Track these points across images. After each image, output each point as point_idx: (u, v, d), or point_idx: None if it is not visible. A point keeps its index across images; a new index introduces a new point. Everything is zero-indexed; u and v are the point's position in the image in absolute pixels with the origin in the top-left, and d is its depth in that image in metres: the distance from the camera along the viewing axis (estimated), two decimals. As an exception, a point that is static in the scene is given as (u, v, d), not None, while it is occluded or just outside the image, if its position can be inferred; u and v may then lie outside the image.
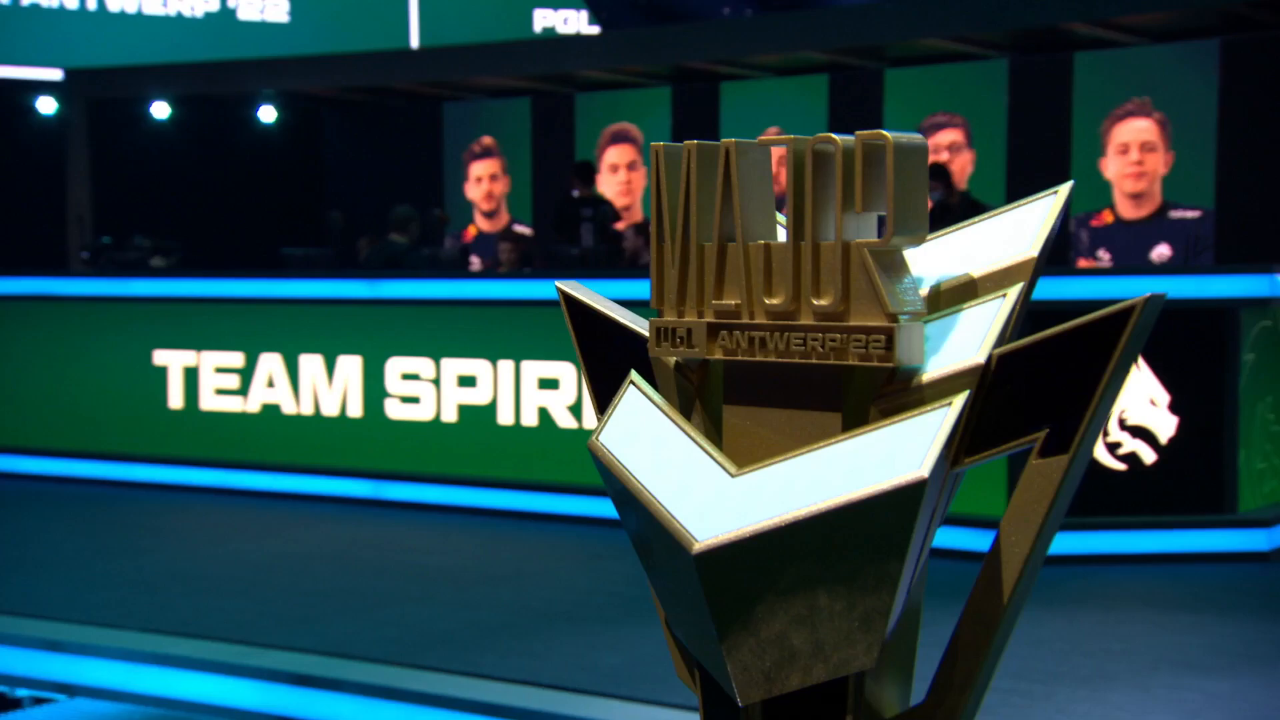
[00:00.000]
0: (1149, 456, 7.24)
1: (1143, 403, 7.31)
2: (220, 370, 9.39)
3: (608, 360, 1.79)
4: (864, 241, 1.53)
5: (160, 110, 12.00)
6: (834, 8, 11.57)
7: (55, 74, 11.36)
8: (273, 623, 6.16)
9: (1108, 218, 10.22)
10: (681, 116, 11.45)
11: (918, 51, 10.31)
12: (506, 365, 8.55)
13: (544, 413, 8.51)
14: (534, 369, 8.49)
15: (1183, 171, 10.10)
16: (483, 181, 12.14)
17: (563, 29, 13.06)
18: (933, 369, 1.55)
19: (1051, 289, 7.37)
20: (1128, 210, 10.15)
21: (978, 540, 7.42)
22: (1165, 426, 7.27)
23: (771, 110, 11.24)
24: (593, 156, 11.71)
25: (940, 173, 9.33)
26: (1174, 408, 7.21)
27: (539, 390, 8.51)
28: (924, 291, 1.64)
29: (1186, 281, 7.48)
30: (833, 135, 1.57)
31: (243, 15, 12.25)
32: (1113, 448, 7.29)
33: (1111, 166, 10.19)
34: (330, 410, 9.10)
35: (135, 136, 12.07)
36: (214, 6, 12.21)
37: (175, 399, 9.55)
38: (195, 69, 11.51)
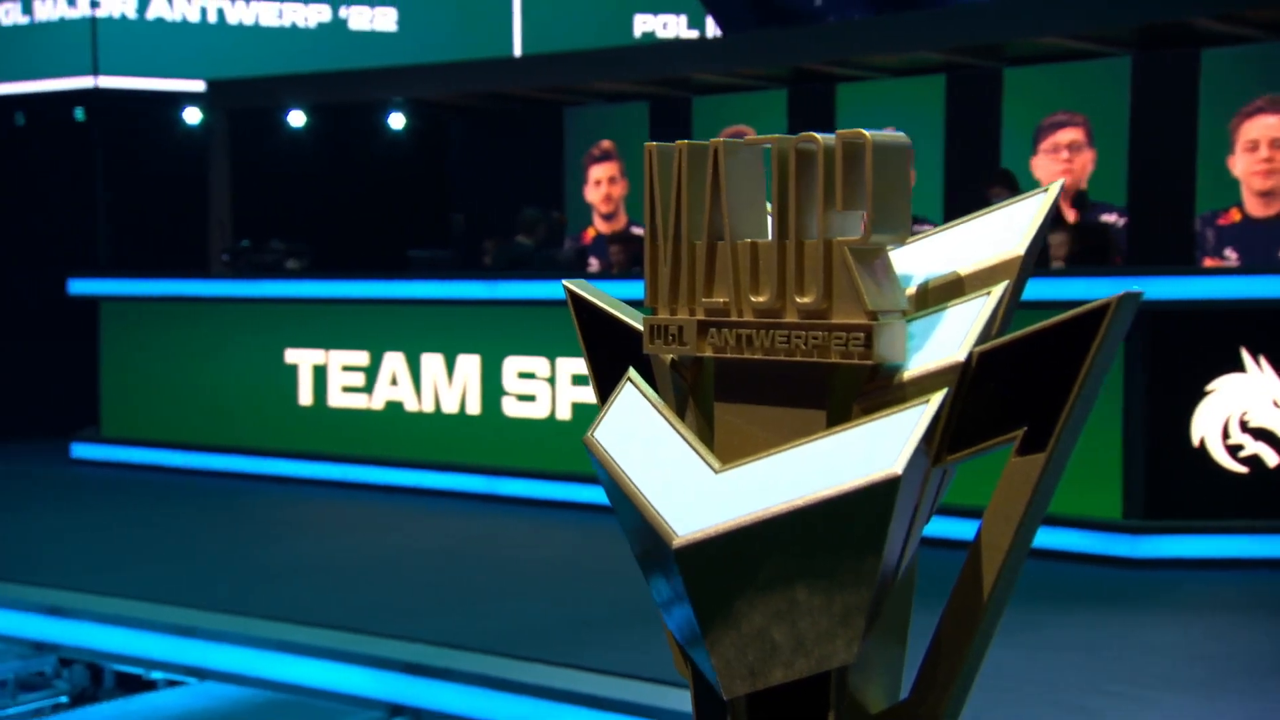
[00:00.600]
0: (1272, 459, 7.02)
1: (1265, 405, 7.09)
2: (347, 369, 9.59)
3: (611, 357, 1.80)
4: (845, 239, 1.52)
5: (296, 119, 12.28)
6: (951, 7, 11.40)
7: (198, 85, 11.70)
8: (388, 612, 6.26)
9: (1235, 216, 9.90)
10: (797, 118, 11.37)
11: (1037, 50, 10.09)
12: (620, 365, 8.59)
13: (579, 410, 8.57)
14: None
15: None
16: (601, 184, 12.20)
17: (662, 33, 13.06)
18: (914, 366, 1.53)
19: (1178, 289, 7.17)
20: (1256, 208, 9.81)
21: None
22: (1288, 428, 7.05)
23: (888, 111, 11.10)
24: (710, 158, 11.67)
25: (1006, 178, 9.16)
26: (1296, 410, 6.99)
27: (573, 386, 8.58)
28: (912, 290, 1.62)
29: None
30: (815, 134, 1.56)
31: (353, 25, 12.47)
32: (1234, 450, 7.08)
33: (1240, 164, 9.86)
34: (450, 408, 9.24)
35: (273, 144, 12.39)
36: (326, 18, 12.44)
37: (305, 396, 9.78)
38: (329, 78, 11.75)
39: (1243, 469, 7.01)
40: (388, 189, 12.77)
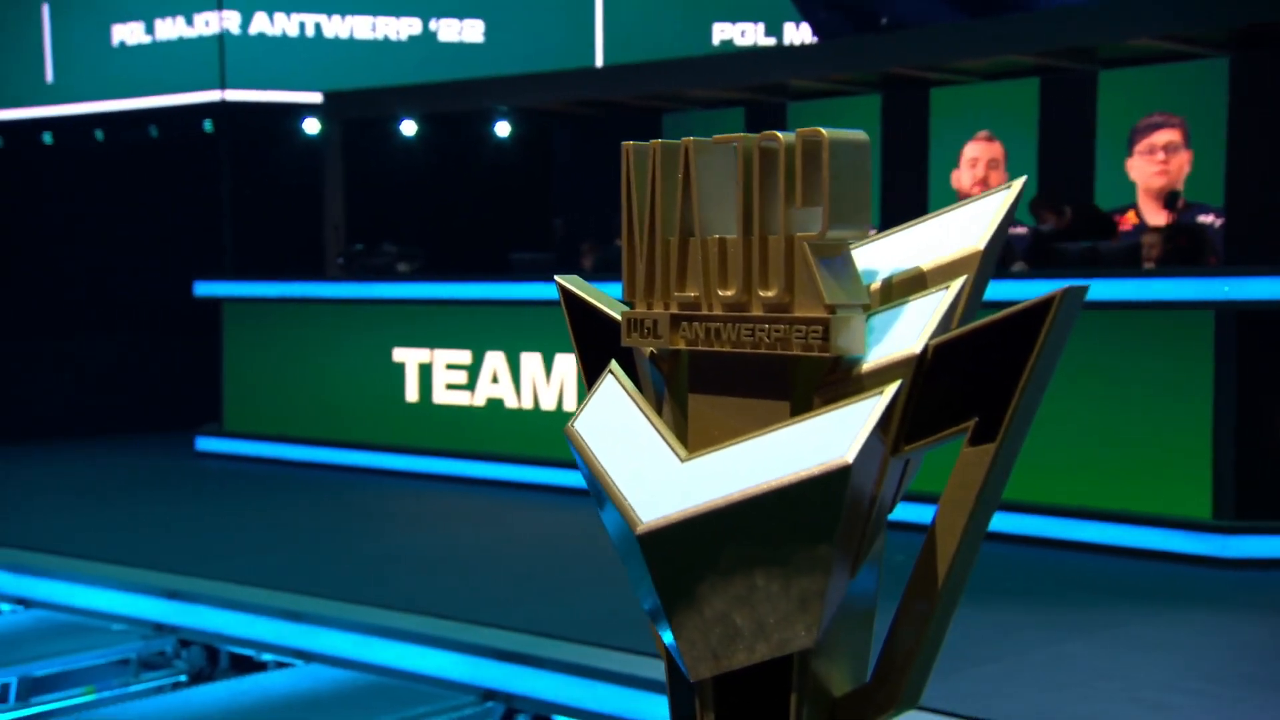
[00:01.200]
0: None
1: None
2: (450, 367, 9.72)
3: (599, 350, 1.82)
4: (805, 235, 1.52)
5: (408, 128, 12.48)
6: (1044, 11, 11.19)
7: (316, 97, 11.94)
8: (484, 601, 6.31)
9: (1334, 215, 9.61)
10: (891, 123, 11.27)
11: (1132, 52, 9.87)
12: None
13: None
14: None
15: None
16: (701, 189, 12.18)
17: (740, 41, 13.01)
18: (873, 358, 1.53)
19: (1268, 289, 6.98)
20: (1356, 207, 9.53)
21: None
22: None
23: (982, 115, 10.96)
24: (804, 163, 11.60)
25: (1052, 202, 8.96)
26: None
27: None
28: (877, 284, 1.62)
29: None
30: (776, 133, 1.56)
31: (443, 37, 12.63)
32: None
33: (1335, 165, 9.59)
34: (548, 405, 9.30)
35: (385, 152, 12.61)
36: (417, 30, 12.62)
37: (411, 393, 9.93)
38: (439, 88, 11.90)
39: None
40: (493, 195, 12.91)
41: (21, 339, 12.35)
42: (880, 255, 1.67)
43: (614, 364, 1.74)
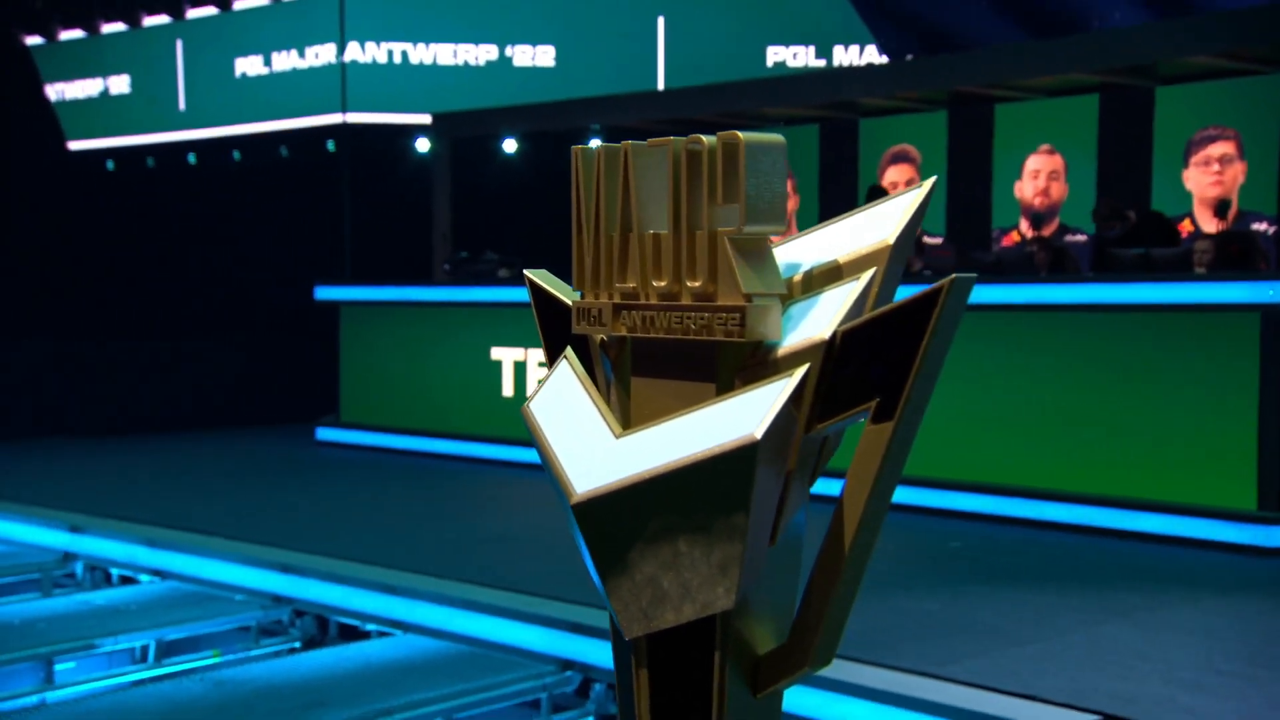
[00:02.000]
0: None
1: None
2: (541, 364, 9.80)
3: (560, 337, 1.85)
4: (725, 230, 1.53)
5: (509, 145, 12.62)
6: (1104, 30, 10.99)
7: (425, 118, 12.14)
8: (564, 578, 6.33)
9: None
10: (957, 138, 11.15)
11: (1188, 69, 9.67)
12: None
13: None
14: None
15: None
16: (778, 200, 12.15)
17: (793, 63, 12.94)
18: (788, 343, 1.54)
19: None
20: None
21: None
22: None
23: (1044, 130, 10.80)
24: (875, 175, 11.55)
25: (1114, 208, 8.78)
26: None
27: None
28: (799, 276, 1.63)
29: None
30: (701, 137, 1.58)
31: (517, 62, 12.76)
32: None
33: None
34: (625, 399, 9.33)
35: (489, 168, 12.76)
36: (494, 56, 12.76)
37: (507, 388, 10.04)
38: (538, 109, 12.02)
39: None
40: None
41: (164, 339, 12.72)
42: (805, 249, 1.68)
43: (568, 350, 1.77)
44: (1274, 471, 6.75)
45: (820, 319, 1.54)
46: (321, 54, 12.91)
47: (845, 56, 12.95)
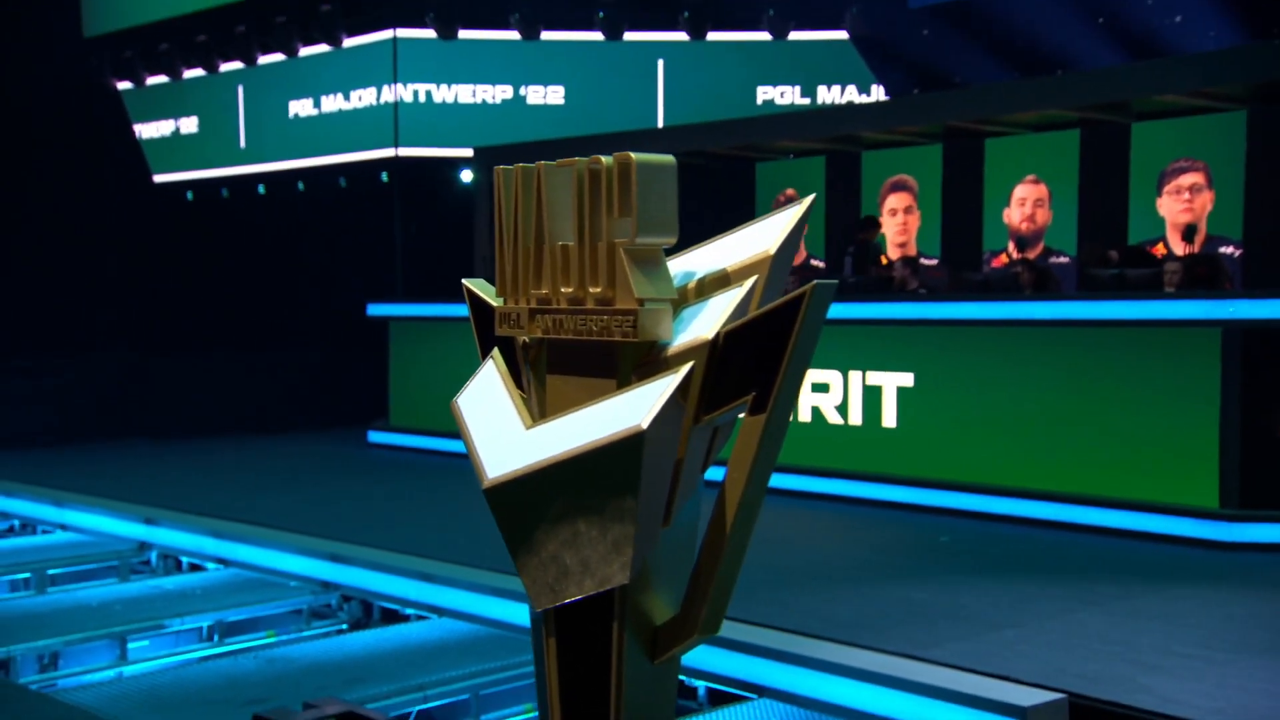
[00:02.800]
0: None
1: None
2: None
3: (492, 339, 1.86)
4: (620, 241, 1.54)
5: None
6: (1083, 70, 10.91)
7: (467, 152, 12.21)
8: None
9: (1344, 248, 9.22)
10: (951, 168, 11.09)
11: (1161, 106, 9.58)
12: (789, 372, 8.54)
13: (816, 411, 8.45)
14: (810, 375, 8.44)
15: None
16: (787, 225, 12.11)
17: (780, 101, 12.96)
18: (678, 343, 1.54)
19: (1271, 310, 6.77)
20: (1364, 241, 9.13)
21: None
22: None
23: (1030, 161, 10.73)
24: (875, 202, 11.51)
25: (1114, 250, 8.69)
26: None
27: (813, 393, 8.46)
28: (693, 283, 1.63)
29: None
30: (601, 158, 1.58)
31: (530, 100, 12.84)
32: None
33: (1347, 201, 9.20)
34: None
35: (525, 196, 12.77)
36: (509, 95, 12.85)
37: (539, 396, 10.04)
38: (573, 143, 12.02)
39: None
40: (615, 233, 12.94)
41: (231, 349, 12.84)
42: (702, 259, 1.68)
43: (495, 351, 1.78)
44: (1234, 473, 6.69)
45: (707, 321, 1.54)
46: (364, 96, 13.09)
47: (828, 95, 12.96)
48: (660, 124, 12.83)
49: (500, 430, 1.63)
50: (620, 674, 1.51)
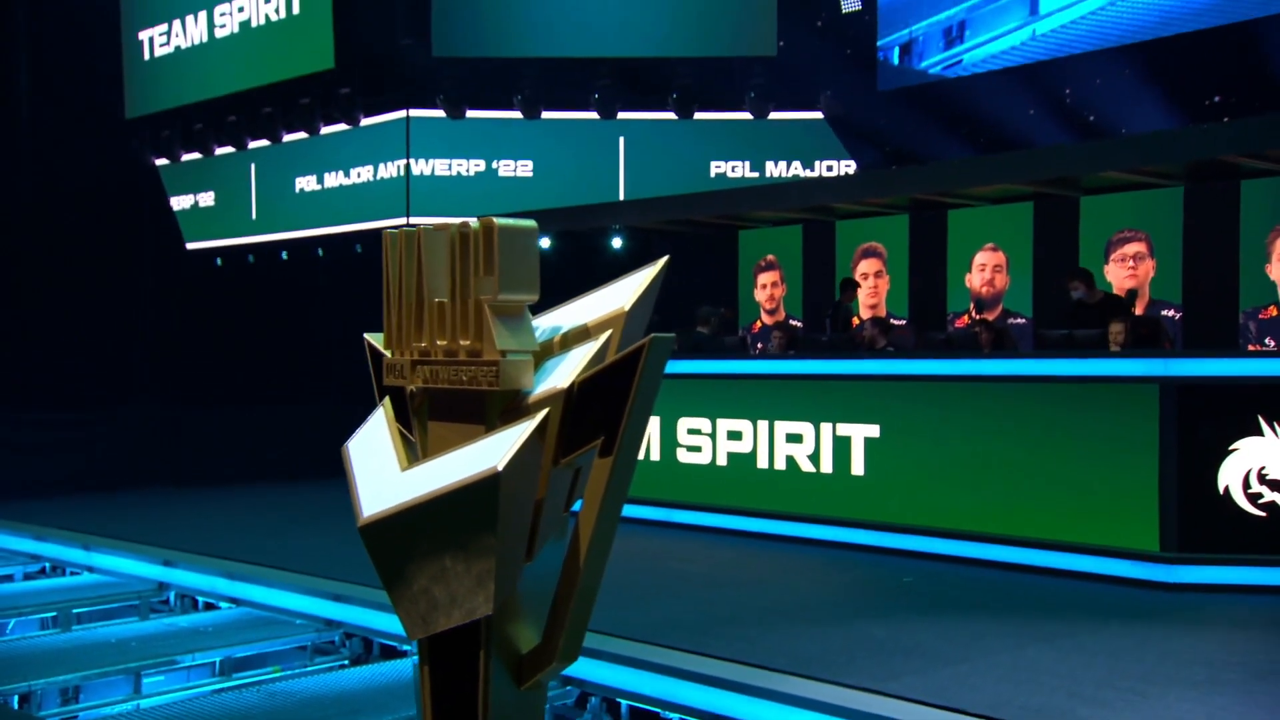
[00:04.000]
0: (1285, 506, 6.48)
1: (1279, 462, 6.57)
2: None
3: (387, 389, 1.86)
4: (485, 297, 1.55)
5: (544, 242, 12.75)
6: (1036, 148, 11.00)
7: (472, 221, 12.29)
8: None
9: (1273, 311, 9.23)
10: (917, 236, 11.16)
11: (1107, 182, 9.65)
12: (764, 424, 8.55)
13: (790, 460, 8.43)
14: (784, 427, 8.43)
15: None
16: (766, 288, 12.18)
17: (731, 175, 13.12)
18: (538, 391, 1.55)
19: (1207, 368, 6.79)
20: (1290, 305, 9.14)
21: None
22: (1300, 482, 6.51)
23: (989, 231, 10.79)
24: (849, 267, 11.56)
25: (1084, 275, 8.74)
26: (1307, 466, 6.45)
27: (787, 443, 8.44)
28: (558, 337, 1.64)
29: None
30: (470, 221, 1.60)
31: (502, 173, 13.00)
32: (1254, 498, 6.60)
33: (1276, 270, 9.22)
34: (639, 456, 9.31)
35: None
36: (482, 168, 13.02)
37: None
38: (568, 211, 12.11)
39: (1261, 513, 6.52)
40: (608, 295, 13.00)
41: (255, 404, 12.86)
42: (568, 315, 1.69)
43: (385, 399, 1.79)
44: (1173, 518, 6.66)
45: (564, 372, 1.55)
46: (379, 170, 13.26)
47: (776, 170, 13.09)
48: (622, 196, 13.00)
49: (380, 473, 1.63)
50: (487, 700, 1.50)
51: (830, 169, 13.13)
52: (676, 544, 8.40)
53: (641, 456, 9.15)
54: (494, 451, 1.47)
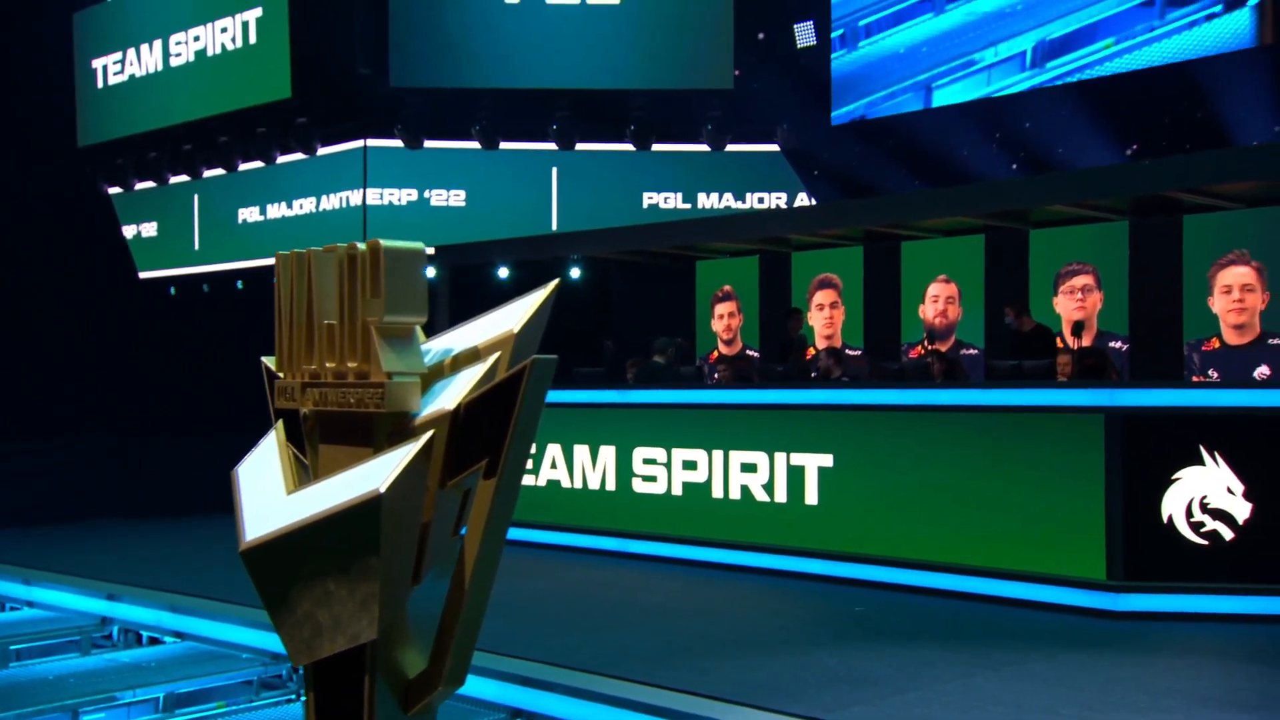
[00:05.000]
0: (1226, 534, 6.55)
1: (1220, 491, 6.64)
2: (531, 455, 9.71)
3: (281, 411, 1.84)
4: (371, 319, 1.54)
5: (503, 272, 12.73)
6: (987, 183, 11.14)
7: (429, 250, 12.28)
8: (520, 637, 6.21)
9: (1215, 344, 9.39)
10: (871, 267, 11.25)
11: (1055, 215, 9.77)
12: (719, 454, 8.54)
13: (745, 489, 8.43)
14: (739, 457, 8.44)
15: (1278, 306, 9.24)
16: (723, 318, 12.21)
17: (664, 206, 13.26)
18: (425, 413, 1.53)
19: (1151, 399, 6.87)
20: (1232, 338, 9.28)
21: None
22: (1241, 510, 6.57)
23: (941, 263, 10.89)
24: (804, 298, 11.62)
25: (1015, 303, 8.91)
26: (1248, 495, 6.52)
27: (742, 473, 8.45)
28: (449, 359, 1.63)
29: (1276, 394, 6.86)
30: (358, 244, 1.60)
31: (434, 203, 13.07)
32: (1196, 526, 6.66)
33: (1217, 304, 9.39)
34: (594, 485, 9.30)
35: (484, 291, 12.85)
36: (414, 197, 13.09)
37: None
38: (527, 241, 12.11)
39: (1203, 541, 6.59)
40: (566, 324, 13.01)
41: (205, 434, 12.69)
42: (459, 337, 1.69)
43: (279, 422, 1.77)
44: (1118, 546, 6.71)
45: (452, 394, 1.54)
46: (336, 199, 13.27)
47: (708, 201, 13.22)
48: (555, 226, 13.07)
49: (265, 497, 1.61)
50: (371, 726, 1.47)
51: (780, 200, 13.24)
52: (631, 574, 8.37)
53: (596, 486, 9.17)
54: (377, 473, 1.45)
